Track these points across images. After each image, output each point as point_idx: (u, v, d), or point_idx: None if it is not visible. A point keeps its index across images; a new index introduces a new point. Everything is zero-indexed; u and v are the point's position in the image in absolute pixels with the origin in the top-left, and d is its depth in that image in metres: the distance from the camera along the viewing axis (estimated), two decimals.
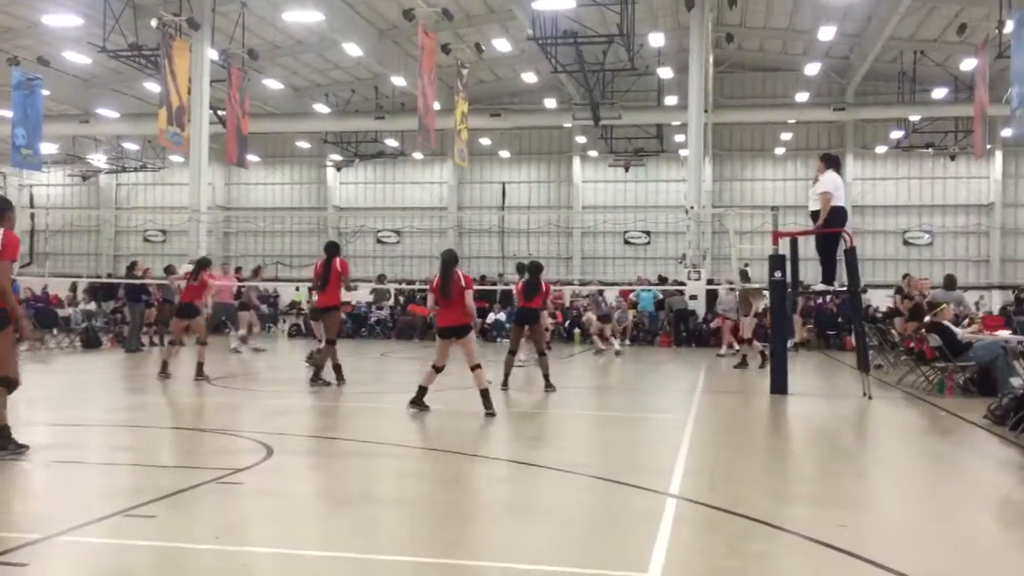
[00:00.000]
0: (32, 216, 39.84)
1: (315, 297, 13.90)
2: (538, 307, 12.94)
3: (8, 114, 25.76)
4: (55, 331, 20.48)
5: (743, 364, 17.17)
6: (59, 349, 19.76)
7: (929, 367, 13.06)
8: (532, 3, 24.09)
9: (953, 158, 36.35)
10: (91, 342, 20.53)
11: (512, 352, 12.97)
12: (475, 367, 9.89)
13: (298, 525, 5.48)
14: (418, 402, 9.92)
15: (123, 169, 42.06)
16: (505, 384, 12.44)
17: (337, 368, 12.63)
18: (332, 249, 12.83)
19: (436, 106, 25.11)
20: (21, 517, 5.64)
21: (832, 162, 12.28)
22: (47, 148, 33.77)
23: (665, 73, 32.06)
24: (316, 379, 12.56)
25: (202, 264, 14.33)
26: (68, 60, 30.49)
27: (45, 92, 26.03)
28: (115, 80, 34.37)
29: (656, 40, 29.46)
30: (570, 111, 33.16)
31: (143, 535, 5.08)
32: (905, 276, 19.68)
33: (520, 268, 18.15)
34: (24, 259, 31.37)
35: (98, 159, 41.70)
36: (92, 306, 23.63)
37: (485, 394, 9.81)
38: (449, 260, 10.01)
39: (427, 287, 13.03)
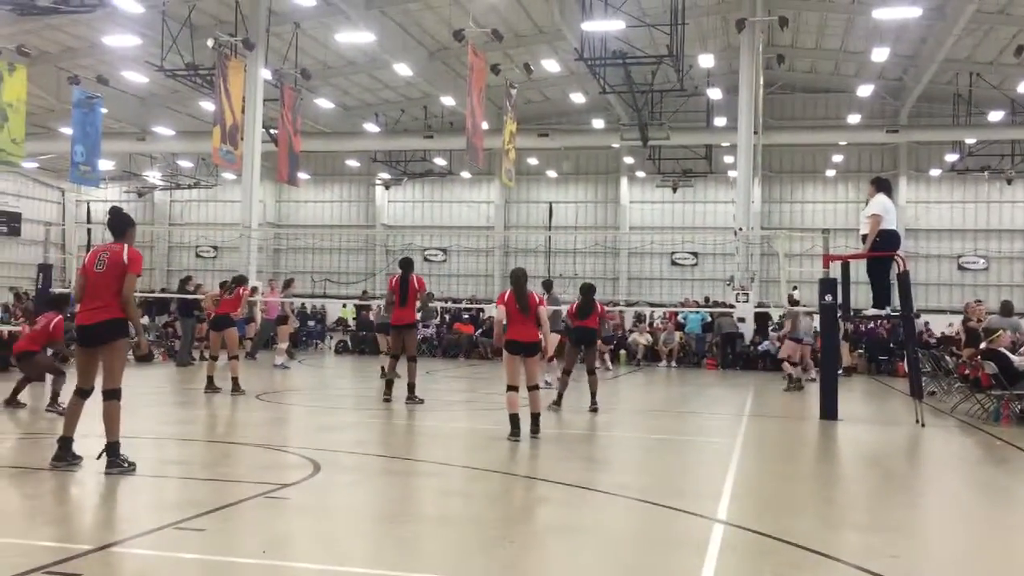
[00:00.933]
0: (89, 231, 40.66)
1: (382, 311, 14.09)
2: (594, 327, 12.67)
3: (68, 131, 26.42)
4: None
5: (798, 386, 17.30)
6: None
7: (984, 395, 12.78)
8: (581, 24, 24.17)
9: (1010, 182, 35.63)
10: (143, 356, 20.84)
11: (567, 372, 12.85)
12: (534, 387, 9.81)
13: (345, 542, 5.50)
14: (517, 431, 9.46)
15: (177, 186, 42.86)
16: (558, 403, 12.45)
17: (412, 387, 12.79)
18: (408, 266, 13.03)
19: (484, 126, 25.25)
20: (74, 528, 5.75)
21: (883, 185, 12.10)
22: (104, 165, 34.52)
23: (715, 94, 31.90)
24: (412, 397, 12.65)
25: (238, 280, 14.71)
26: (126, 79, 31.22)
27: (104, 110, 26.65)
28: (171, 99, 35.10)
29: (706, 61, 29.36)
30: (618, 131, 33.11)
31: (192, 548, 5.14)
32: (978, 301, 19.32)
33: (547, 285, 17.98)
34: None
35: (153, 176, 42.55)
36: (145, 320, 24.03)
37: (536, 417, 9.73)
38: (523, 276, 9.88)
39: (473, 305, 13.17)
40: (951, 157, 35.95)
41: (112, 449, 7.12)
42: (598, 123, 35.88)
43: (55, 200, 45.12)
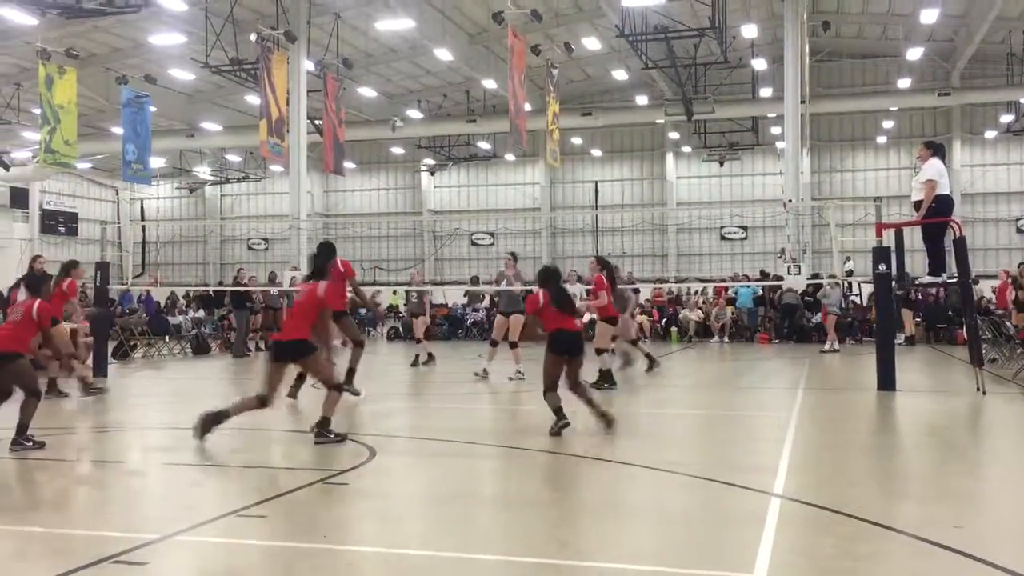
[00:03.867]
0: (143, 228, 41.52)
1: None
2: (577, 329, 9.03)
3: (119, 131, 26.89)
4: (167, 338, 21.32)
5: (627, 364, 14.62)
6: (171, 355, 20.53)
7: None
8: (621, 0, 23.93)
9: None
10: (201, 348, 21.28)
11: (550, 389, 8.74)
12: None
13: (403, 524, 5.57)
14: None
15: (227, 180, 43.47)
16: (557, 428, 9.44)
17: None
18: (327, 251, 10.97)
19: (527, 107, 25.15)
20: (140, 518, 5.89)
21: (937, 150, 11.79)
22: (156, 162, 35.10)
23: (759, 64, 31.39)
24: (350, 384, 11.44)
25: (65, 269, 12.21)
26: (173, 77, 31.65)
27: (152, 108, 27.07)
28: (217, 94, 35.53)
29: (749, 31, 28.88)
30: (662, 107, 32.79)
31: (255, 535, 5.25)
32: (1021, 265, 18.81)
33: (513, 258, 15.21)
34: (136, 270, 32.58)
35: (203, 171, 43.21)
36: (201, 313, 24.47)
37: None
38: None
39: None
40: (1006, 118, 35.01)
41: (324, 423, 8.23)
42: (641, 100, 35.54)
43: (110, 199, 46.03)
